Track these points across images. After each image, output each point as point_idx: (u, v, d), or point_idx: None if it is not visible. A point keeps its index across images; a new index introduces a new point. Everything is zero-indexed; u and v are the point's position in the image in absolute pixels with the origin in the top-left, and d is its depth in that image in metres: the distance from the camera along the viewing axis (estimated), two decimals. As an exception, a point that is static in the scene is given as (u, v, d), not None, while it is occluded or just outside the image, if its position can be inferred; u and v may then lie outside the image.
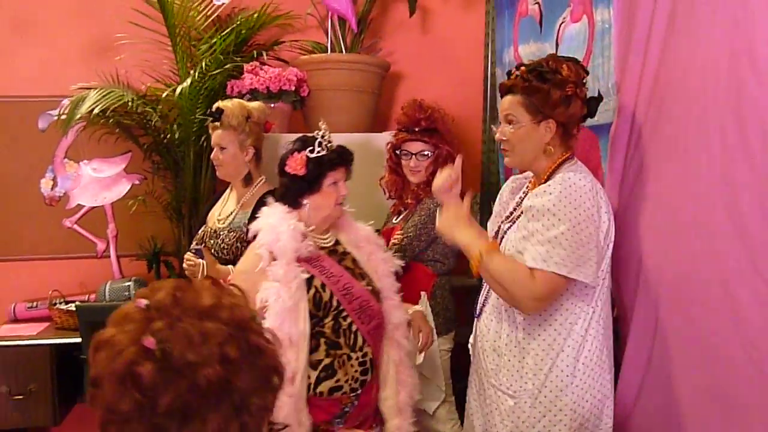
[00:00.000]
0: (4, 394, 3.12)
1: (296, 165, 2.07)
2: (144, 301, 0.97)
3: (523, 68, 1.88)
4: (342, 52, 3.33)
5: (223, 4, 3.30)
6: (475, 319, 2.09)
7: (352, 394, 2.07)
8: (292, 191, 2.10)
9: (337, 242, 2.20)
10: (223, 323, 0.95)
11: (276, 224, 2.05)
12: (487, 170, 3.55)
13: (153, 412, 0.90)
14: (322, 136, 2.10)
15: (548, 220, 1.75)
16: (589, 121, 2.19)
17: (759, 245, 1.49)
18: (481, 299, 2.06)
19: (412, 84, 3.75)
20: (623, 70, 2.03)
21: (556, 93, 1.82)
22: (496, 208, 2.18)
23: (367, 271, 2.17)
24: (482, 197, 3.43)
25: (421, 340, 2.26)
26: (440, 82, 3.67)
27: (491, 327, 1.97)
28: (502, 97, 1.93)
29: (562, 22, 2.47)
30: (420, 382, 2.29)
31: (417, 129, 2.71)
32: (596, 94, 2.06)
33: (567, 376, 1.84)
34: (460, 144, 2.84)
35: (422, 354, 2.31)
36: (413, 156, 2.71)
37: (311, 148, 2.08)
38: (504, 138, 1.91)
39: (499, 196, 2.20)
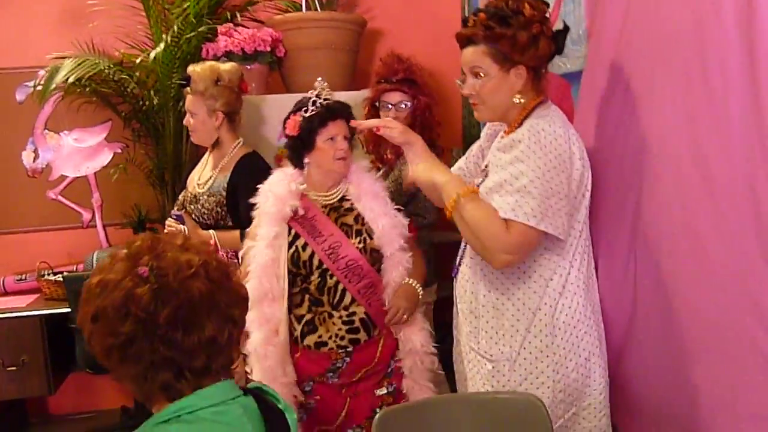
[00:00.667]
0: (-2, 365, 3.16)
1: (292, 127, 2.14)
2: (123, 251, 1.14)
3: (481, 14, 1.72)
4: (317, 10, 3.28)
5: None
6: (454, 279, 2.04)
7: (340, 351, 2.11)
8: (294, 152, 2.19)
9: (344, 198, 2.21)
10: (197, 254, 1.14)
11: (271, 186, 2.16)
12: (469, 124, 3.54)
13: (156, 326, 1.06)
14: (317, 95, 2.13)
15: (516, 168, 1.64)
16: (561, 69, 2.20)
17: (718, 186, 1.48)
18: (457, 258, 2.00)
19: (390, 40, 3.71)
20: (593, 15, 2.01)
21: (523, 36, 1.67)
22: (467, 154, 2.11)
23: (369, 227, 2.17)
24: (465, 152, 3.42)
25: (388, 315, 2.14)
26: (419, 37, 3.63)
27: (467, 288, 1.87)
28: (462, 48, 1.80)
29: (534, -30, 2.43)
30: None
31: (395, 79, 2.70)
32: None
33: (546, 336, 1.73)
34: (437, 97, 2.83)
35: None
36: (392, 107, 2.70)
37: (305, 108, 2.13)
38: (473, 93, 1.79)
39: (470, 148, 2.12)
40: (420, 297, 2.20)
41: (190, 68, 2.62)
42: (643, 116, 1.78)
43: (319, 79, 2.17)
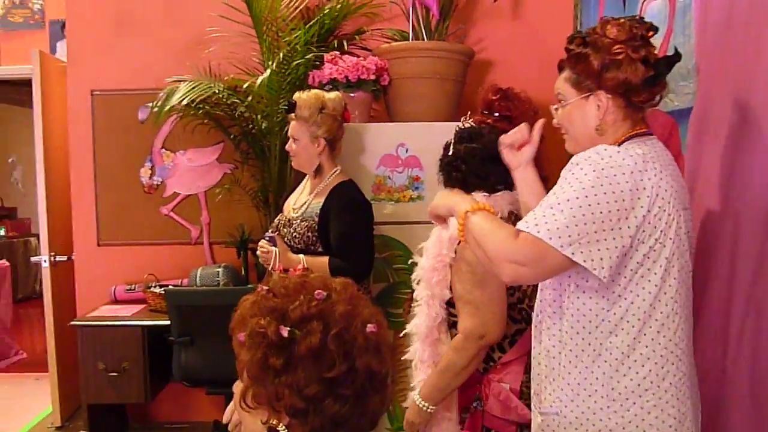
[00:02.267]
0: (101, 370, 3.31)
1: None
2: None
3: (568, 38, 1.61)
4: (424, 39, 3.27)
5: None
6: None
7: None
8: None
9: None
10: None
11: None
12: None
13: None
14: None
15: (560, 186, 1.46)
16: (668, 105, 2.05)
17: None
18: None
19: (501, 71, 3.65)
20: (703, 50, 1.87)
21: (600, 58, 1.53)
22: None
23: None
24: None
25: None
26: (530, 67, 3.52)
27: (534, 333, 1.72)
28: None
29: (645, 0, 2.30)
30: None
31: (489, 112, 2.64)
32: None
33: (601, 397, 1.53)
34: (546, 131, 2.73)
35: None
36: None
37: None
38: (557, 121, 1.67)
39: None
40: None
41: (297, 95, 2.66)
42: (759, 163, 1.61)
43: None
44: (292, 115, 2.66)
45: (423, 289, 2.08)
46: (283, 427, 1.07)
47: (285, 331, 1.05)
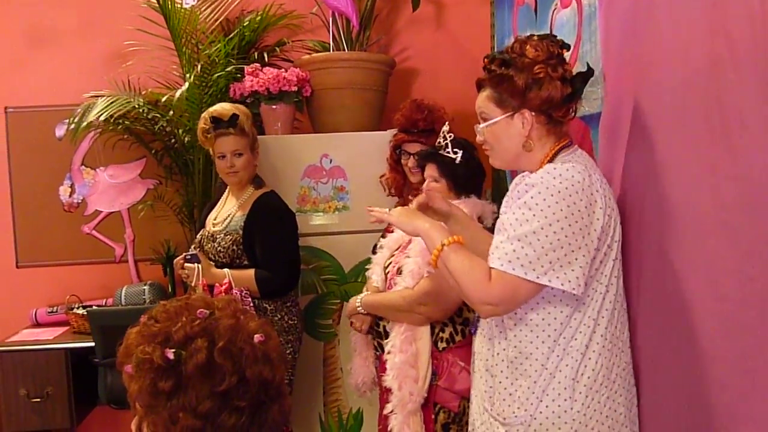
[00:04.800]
0: (23, 396, 3.19)
1: None
2: None
3: (486, 59, 1.68)
4: (345, 50, 3.29)
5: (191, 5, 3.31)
6: (473, 335, 1.96)
7: None
8: None
9: None
10: None
11: None
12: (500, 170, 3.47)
13: None
14: None
15: (523, 214, 1.54)
16: (580, 111, 2.10)
17: (744, 241, 1.37)
18: (475, 314, 1.93)
19: (424, 80, 3.70)
20: (608, 56, 1.94)
21: (522, 79, 1.60)
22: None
23: None
24: (493, 196, 3.35)
25: None
26: (452, 77, 3.60)
27: (484, 344, 1.77)
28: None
29: (554, 9, 2.38)
30: None
31: (415, 130, 2.68)
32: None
33: (565, 400, 1.59)
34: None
35: None
36: (411, 156, 2.67)
37: None
38: (482, 138, 1.72)
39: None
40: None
41: (229, 107, 2.61)
42: (664, 163, 1.68)
43: None
44: (231, 129, 2.60)
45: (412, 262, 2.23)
46: None
47: (170, 353, 1.05)
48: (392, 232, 2.50)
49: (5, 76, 3.69)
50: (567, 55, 1.70)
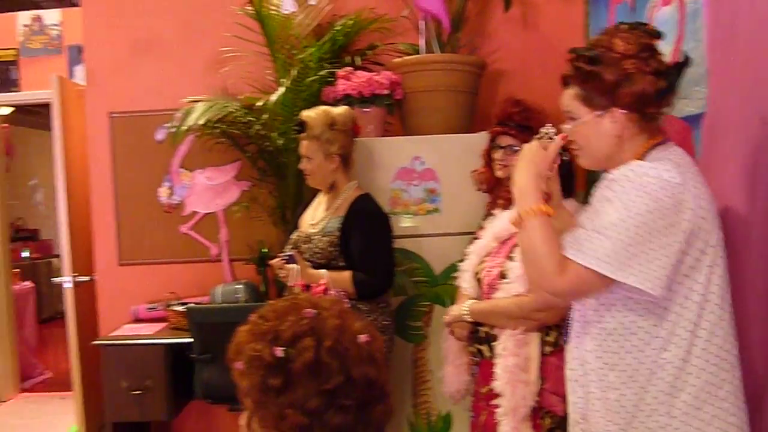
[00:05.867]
0: (124, 389, 3.33)
1: None
2: None
3: (572, 53, 1.58)
4: (437, 52, 3.29)
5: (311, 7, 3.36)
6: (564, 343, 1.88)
7: None
8: None
9: None
10: None
11: None
12: (593, 171, 3.39)
13: None
14: None
15: (602, 206, 1.46)
16: (683, 111, 2.05)
17: None
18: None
19: (515, 81, 3.65)
20: (714, 54, 1.86)
21: (611, 75, 1.51)
22: None
23: None
24: (586, 198, 3.28)
25: None
26: (544, 77, 3.54)
27: (574, 354, 1.69)
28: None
29: (653, 6, 2.31)
30: None
31: (509, 123, 2.66)
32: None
33: (661, 416, 1.50)
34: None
35: None
36: (502, 149, 2.65)
37: None
38: (570, 138, 1.64)
39: None
40: None
41: (304, 114, 2.69)
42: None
43: None
44: (303, 134, 2.68)
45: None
46: None
47: (279, 351, 1.08)
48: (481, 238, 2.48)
49: (110, 83, 3.87)
50: (666, 44, 1.61)
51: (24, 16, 4.93)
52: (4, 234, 5.23)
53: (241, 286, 3.55)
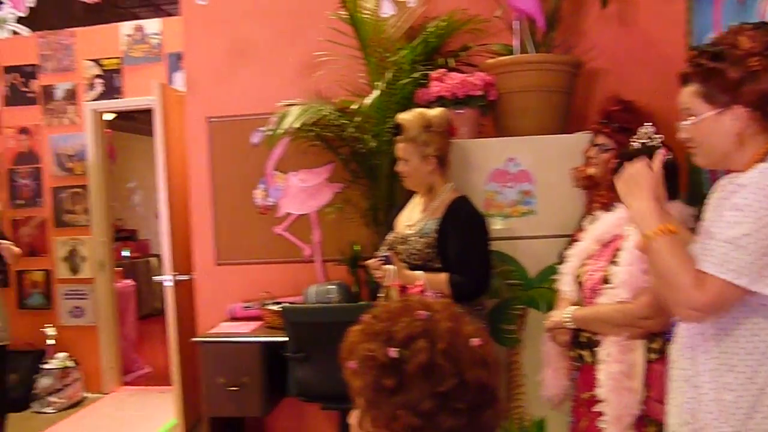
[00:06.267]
0: (221, 385, 3.43)
1: None
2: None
3: (693, 51, 1.61)
4: (531, 52, 3.24)
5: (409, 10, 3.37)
6: (666, 342, 1.87)
7: None
8: None
9: None
10: None
11: None
12: (695, 172, 3.26)
13: None
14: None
15: (733, 216, 1.46)
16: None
17: None
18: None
19: (611, 80, 3.55)
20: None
21: (735, 72, 1.51)
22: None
23: None
24: (687, 200, 3.16)
25: None
26: (642, 76, 3.45)
27: (684, 353, 1.67)
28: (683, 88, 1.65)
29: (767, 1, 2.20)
30: None
31: (605, 121, 2.62)
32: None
33: None
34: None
35: None
36: (596, 147, 2.61)
37: None
38: (687, 136, 1.64)
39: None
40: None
41: (400, 116, 2.70)
42: None
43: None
44: (399, 136, 2.70)
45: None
46: None
47: (393, 352, 1.08)
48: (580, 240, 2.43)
49: (208, 88, 4.01)
50: None
51: (127, 27, 5.17)
52: (108, 234, 5.49)
53: (333, 286, 3.60)
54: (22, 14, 3.07)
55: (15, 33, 3.20)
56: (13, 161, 5.38)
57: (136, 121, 8.19)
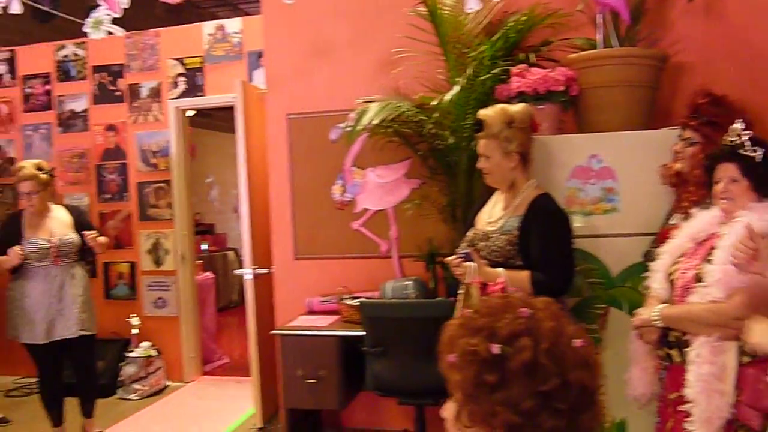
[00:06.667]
0: (300, 377, 3.50)
1: None
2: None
3: None
4: (615, 46, 3.17)
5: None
6: None
7: None
8: None
9: None
10: None
11: None
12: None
13: None
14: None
15: None
16: None
17: None
18: None
19: (699, 74, 3.44)
20: None
21: None
22: None
23: None
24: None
25: None
26: (733, 71, 3.33)
27: None
28: None
29: None
30: None
31: (695, 115, 2.55)
32: None
33: None
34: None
35: None
36: (683, 141, 2.54)
37: None
38: None
39: None
40: None
41: (482, 112, 2.68)
42: None
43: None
44: (481, 133, 2.68)
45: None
46: None
47: (496, 348, 1.07)
48: (672, 237, 2.36)
49: (288, 86, 4.09)
50: None
51: (209, 26, 5.30)
52: (190, 228, 5.65)
53: (410, 282, 3.61)
54: (117, 15, 3.20)
55: (110, 33, 3.31)
56: (101, 157, 5.60)
57: (212, 118, 8.41)
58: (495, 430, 1.08)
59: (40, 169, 3.90)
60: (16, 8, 2.92)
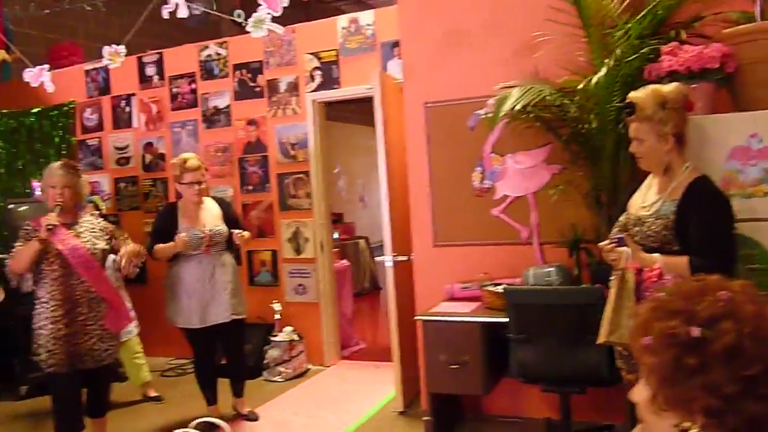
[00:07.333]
0: (443, 362, 3.55)
1: None
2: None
3: None
4: (775, 18, 3.00)
5: None
6: None
7: None
8: None
9: None
10: None
11: None
12: None
13: None
14: None
15: None
16: None
17: None
18: None
19: None
20: None
21: None
22: None
23: None
24: None
25: None
26: None
27: None
28: None
29: None
30: None
31: None
32: None
33: None
34: None
35: None
36: None
37: None
38: None
39: None
40: None
41: (632, 95, 2.61)
42: None
43: None
44: (633, 116, 2.60)
45: None
46: (697, 428, 1.07)
47: (697, 331, 1.05)
48: None
49: (425, 75, 4.13)
50: None
51: (343, 20, 5.43)
52: (328, 217, 5.85)
53: (553, 269, 3.58)
54: (277, 14, 3.35)
55: (270, 32, 3.48)
56: (243, 150, 5.89)
57: (338, 110, 8.58)
58: (693, 415, 1.07)
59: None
60: (183, 12, 3.13)
